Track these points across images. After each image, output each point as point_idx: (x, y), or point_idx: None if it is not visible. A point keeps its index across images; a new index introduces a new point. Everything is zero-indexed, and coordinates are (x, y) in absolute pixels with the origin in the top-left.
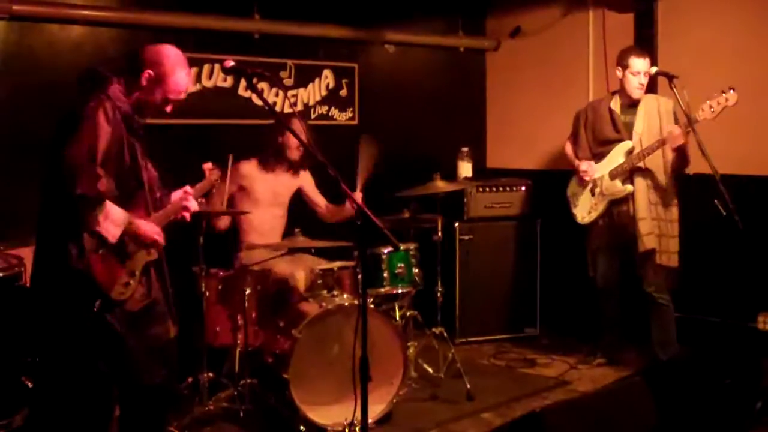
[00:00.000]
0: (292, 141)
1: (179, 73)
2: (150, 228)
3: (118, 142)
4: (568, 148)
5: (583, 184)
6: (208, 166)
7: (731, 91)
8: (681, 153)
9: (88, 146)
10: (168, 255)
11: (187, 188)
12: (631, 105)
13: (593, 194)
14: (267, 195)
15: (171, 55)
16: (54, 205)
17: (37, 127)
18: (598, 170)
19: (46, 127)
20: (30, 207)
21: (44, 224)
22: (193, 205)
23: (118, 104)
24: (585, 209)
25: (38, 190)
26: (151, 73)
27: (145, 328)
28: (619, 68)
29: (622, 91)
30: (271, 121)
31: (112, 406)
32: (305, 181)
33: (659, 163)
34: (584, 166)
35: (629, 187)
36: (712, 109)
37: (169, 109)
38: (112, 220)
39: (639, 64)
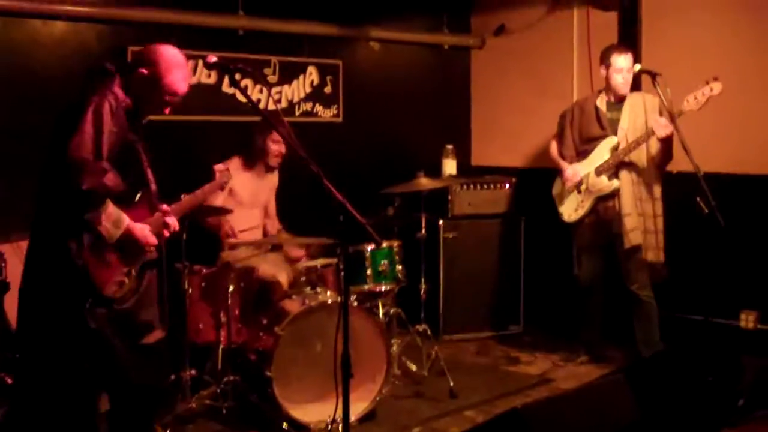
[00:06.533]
0: (274, 148)
1: (175, 74)
2: (144, 232)
3: (120, 139)
4: (553, 149)
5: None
6: (219, 167)
7: (715, 81)
8: (666, 147)
9: (93, 140)
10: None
11: (164, 206)
12: (617, 102)
13: (579, 191)
14: (248, 196)
15: (168, 55)
16: (54, 200)
17: (17, 122)
18: (583, 168)
19: (27, 122)
20: (10, 202)
21: (42, 219)
22: (173, 223)
23: (121, 101)
24: (571, 207)
25: (25, 184)
26: (145, 71)
27: (134, 329)
28: (603, 67)
29: (607, 89)
30: (255, 119)
31: (94, 404)
32: (274, 184)
33: (642, 158)
34: (569, 171)
35: (615, 182)
36: (696, 100)
37: (167, 111)
38: (113, 221)
39: (621, 61)
